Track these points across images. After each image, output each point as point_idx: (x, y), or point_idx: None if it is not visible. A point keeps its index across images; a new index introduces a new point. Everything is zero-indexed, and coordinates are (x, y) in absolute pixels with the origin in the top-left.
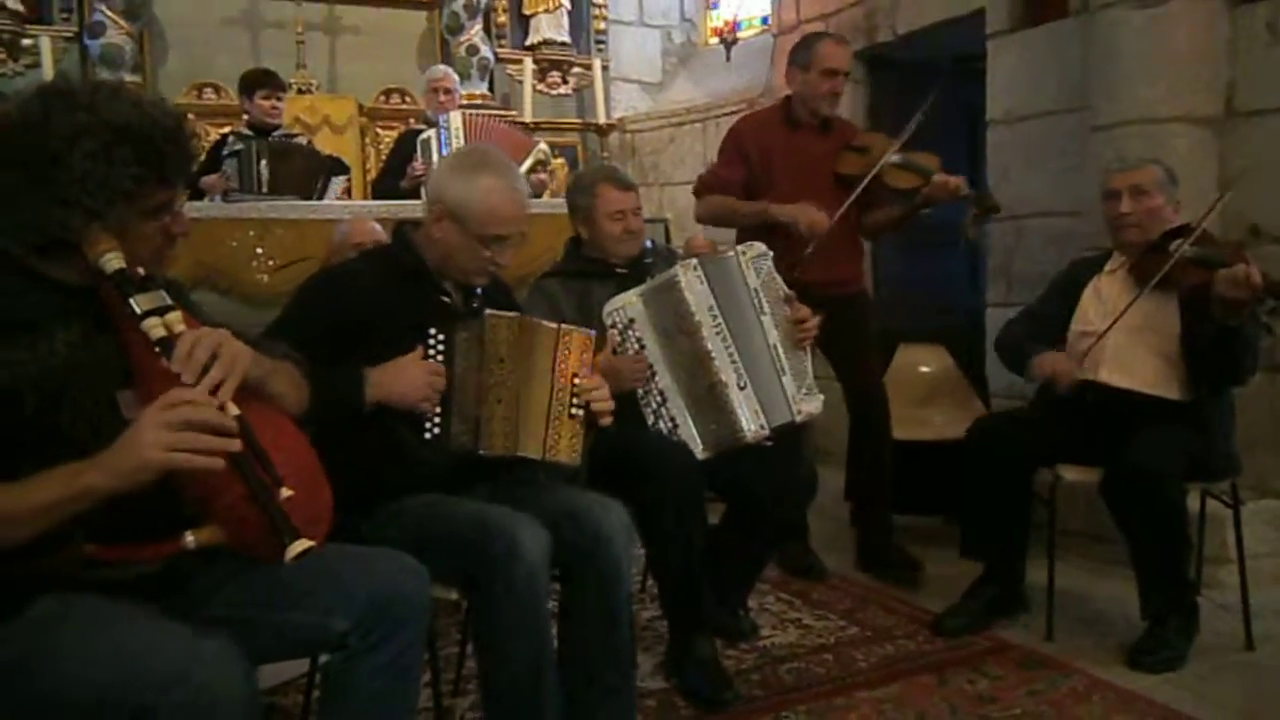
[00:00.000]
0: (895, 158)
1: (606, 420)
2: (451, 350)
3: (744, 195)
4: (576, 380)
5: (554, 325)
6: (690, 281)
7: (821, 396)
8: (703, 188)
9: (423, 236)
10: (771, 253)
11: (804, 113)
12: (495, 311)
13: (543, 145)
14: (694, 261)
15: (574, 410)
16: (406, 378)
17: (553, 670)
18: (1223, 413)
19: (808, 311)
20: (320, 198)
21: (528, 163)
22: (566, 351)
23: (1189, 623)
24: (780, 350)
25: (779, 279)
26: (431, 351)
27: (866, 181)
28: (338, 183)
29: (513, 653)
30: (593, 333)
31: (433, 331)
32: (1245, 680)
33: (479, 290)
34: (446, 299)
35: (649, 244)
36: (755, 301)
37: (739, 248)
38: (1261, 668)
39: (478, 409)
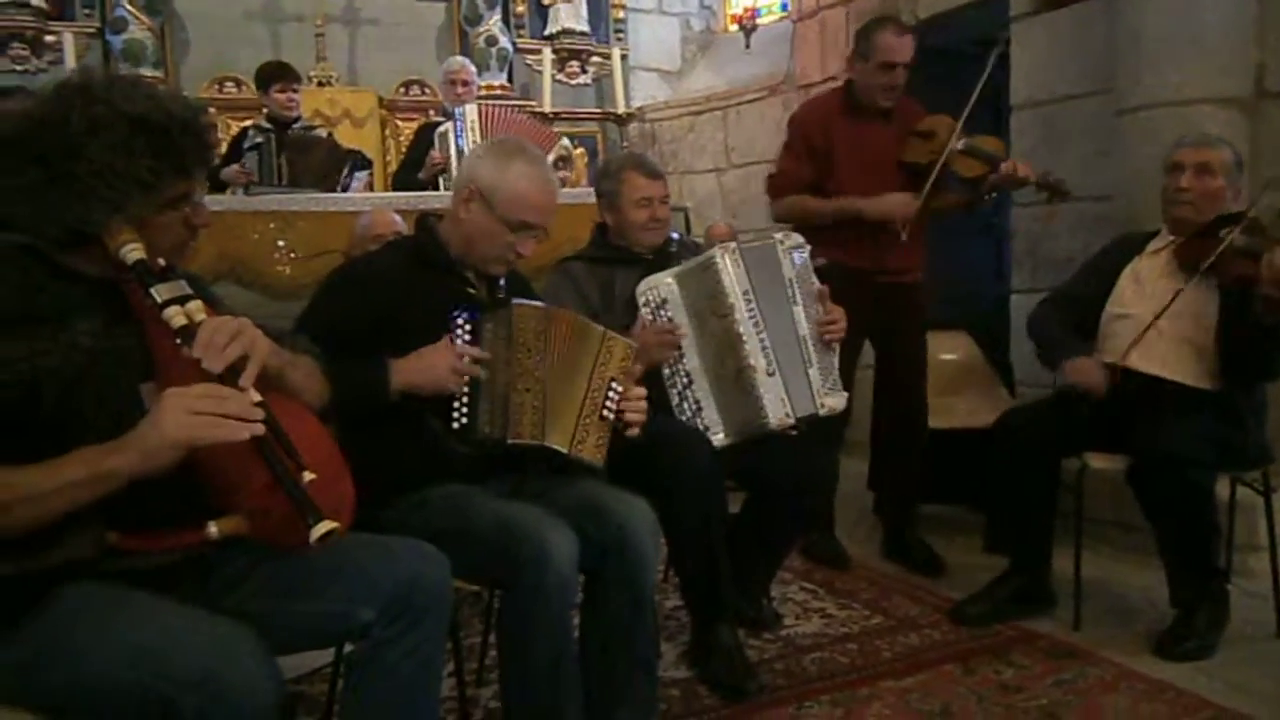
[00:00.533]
0: (960, 144)
1: (635, 431)
2: (479, 338)
3: (814, 188)
4: (614, 385)
5: (600, 328)
6: (727, 264)
7: (845, 394)
8: (775, 189)
9: (449, 221)
10: (809, 246)
11: (864, 100)
12: (523, 301)
13: (565, 141)
14: (733, 245)
15: (605, 413)
16: (434, 363)
17: (573, 663)
18: (1255, 402)
19: (840, 312)
20: (345, 190)
21: (550, 158)
22: (608, 356)
23: (1219, 611)
24: (809, 342)
25: (813, 272)
26: (459, 335)
27: (936, 172)
28: (361, 177)
29: (535, 651)
30: (635, 345)
31: (457, 315)
32: (1276, 668)
33: (502, 281)
34: (472, 289)
35: (674, 235)
36: (790, 292)
37: (778, 235)
38: None
39: (505, 397)
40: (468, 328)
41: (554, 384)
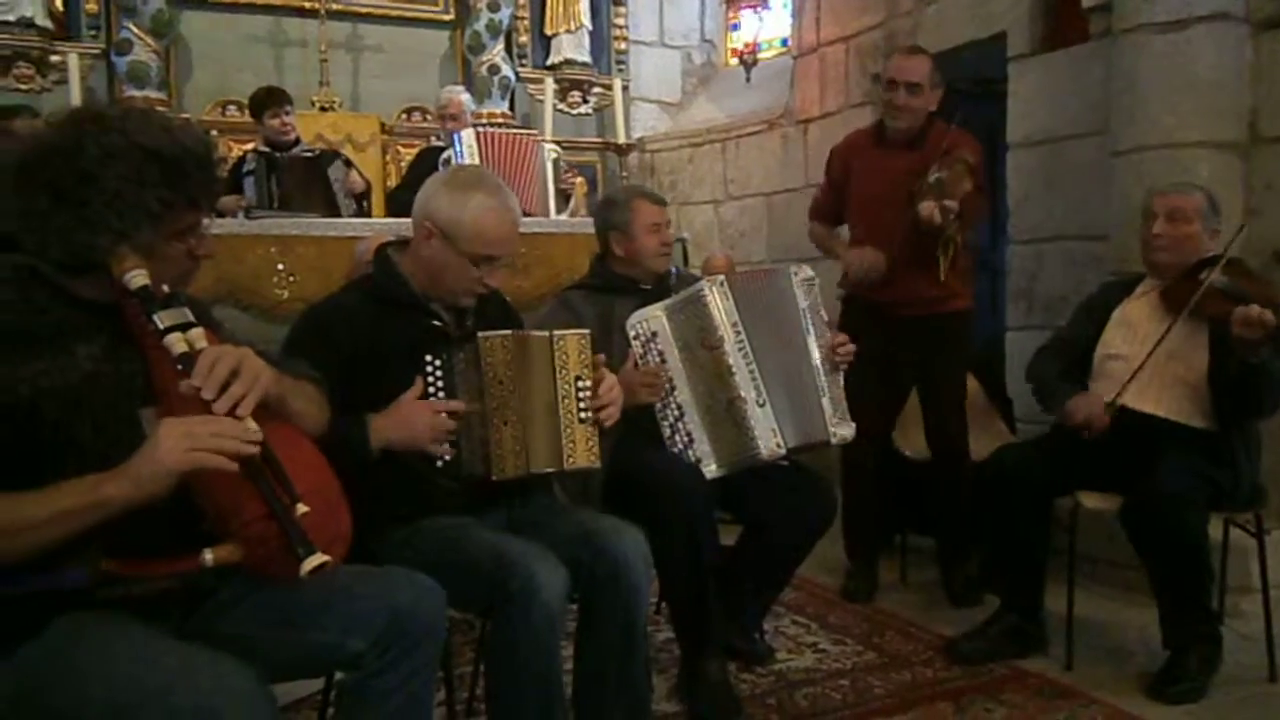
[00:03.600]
0: (932, 177)
1: (614, 419)
2: (451, 377)
3: (835, 218)
4: (581, 383)
5: (545, 334)
6: (715, 297)
7: (854, 424)
8: (811, 212)
9: (410, 256)
10: (818, 278)
11: (887, 127)
12: (487, 332)
13: (551, 145)
14: (720, 278)
15: (583, 415)
16: (411, 422)
17: (563, 696)
18: (1248, 443)
19: (845, 338)
20: (344, 189)
21: (549, 168)
22: (564, 356)
23: (1211, 653)
24: (822, 372)
25: (820, 306)
26: (431, 379)
27: (912, 212)
28: (337, 170)
29: (524, 682)
30: (587, 331)
31: (429, 359)
32: (1268, 712)
33: (470, 309)
34: (438, 322)
35: (674, 270)
36: (804, 321)
37: (790, 268)
38: None
39: (484, 432)
40: (439, 370)
41: (526, 407)
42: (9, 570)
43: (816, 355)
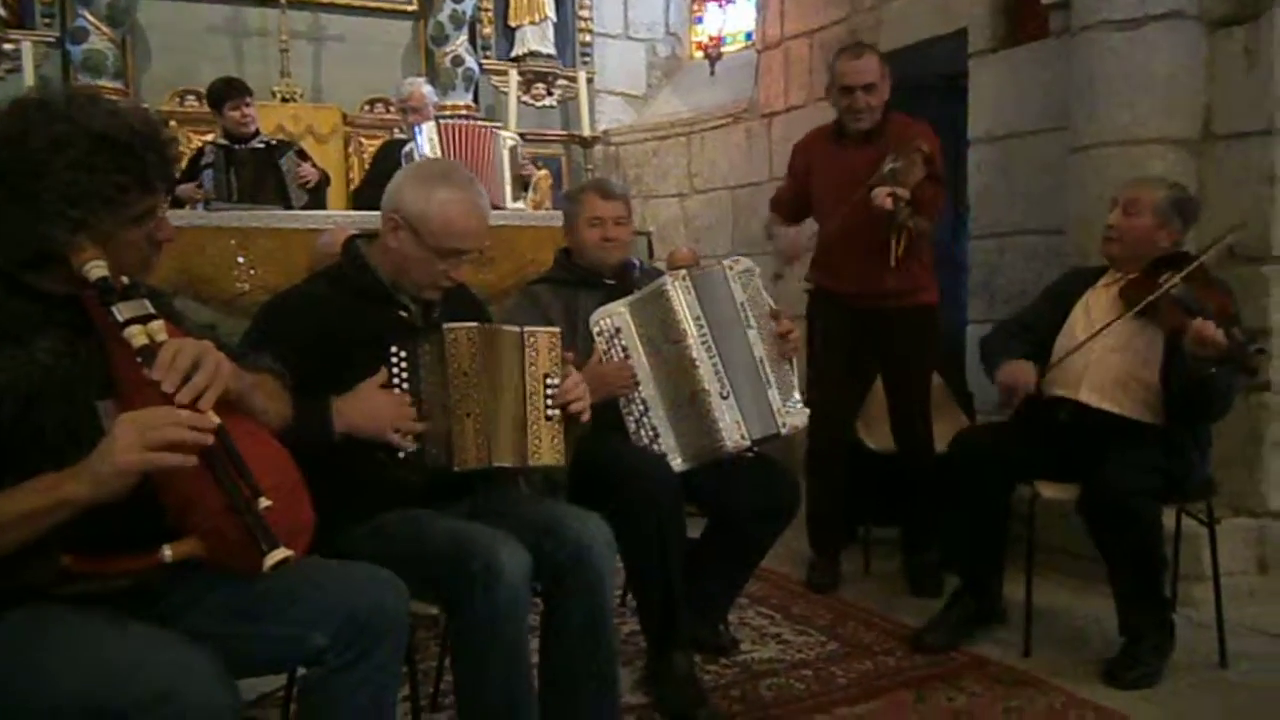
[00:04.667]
0: (886, 168)
1: (584, 416)
2: (416, 368)
3: (794, 209)
4: (549, 381)
5: (517, 329)
6: (678, 291)
7: (807, 411)
8: (771, 203)
9: (377, 249)
10: (758, 268)
11: (844, 125)
12: (453, 324)
13: (507, 132)
14: (683, 272)
15: (549, 413)
16: (373, 410)
17: (530, 686)
18: (1199, 436)
19: (790, 323)
20: (302, 181)
21: (505, 156)
22: (534, 354)
23: (1164, 640)
24: (766, 363)
25: (765, 294)
26: (395, 370)
27: (859, 196)
28: (288, 162)
29: (491, 671)
30: (558, 330)
31: (394, 350)
32: (1220, 697)
33: (437, 301)
34: (404, 313)
35: (637, 263)
36: (742, 315)
37: (725, 262)
38: (1235, 685)
39: (448, 424)
40: (404, 361)
41: (491, 400)
42: None
43: (759, 348)
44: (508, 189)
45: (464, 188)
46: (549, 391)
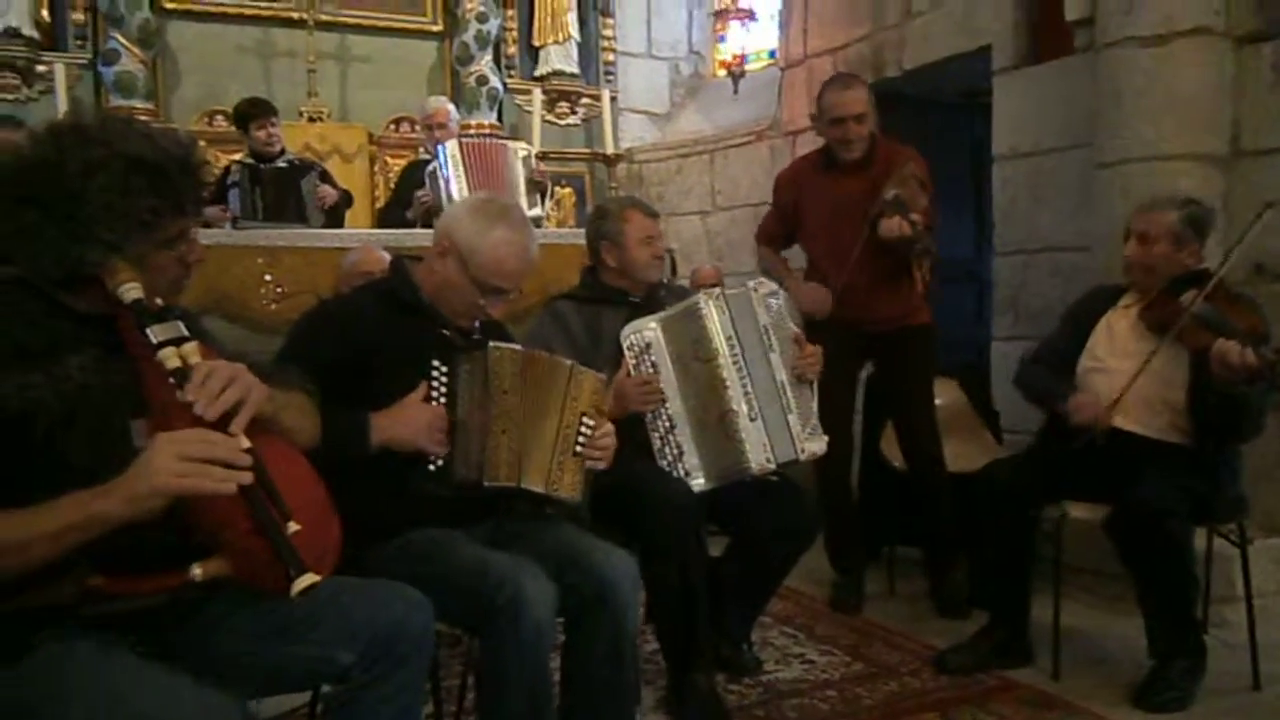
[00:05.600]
0: (890, 194)
1: (601, 465)
2: (455, 383)
3: (786, 242)
4: (586, 421)
5: (568, 363)
6: (711, 310)
7: (825, 437)
8: (758, 236)
9: (423, 269)
10: (783, 292)
11: (834, 154)
12: (499, 344)
13: (519, 143)
14: (716, 291)
15: (578, 449)
16: (410, 422)
17: (552, 710)
18: (1229, 457)
19: (812, 348)
20: (321, 203)
21: (519, 166)
22: (578, 390)
23: (1196, 662)
24: (788, 389)
25: (788, 318)
26: (435, 384)
27: (869, 227)
28: (309, 183)
29: (514, 698)
30: (604, 377)
31: (436, 364)
32: None
33: (477, 323)
34: (446, 332)
35: (663, 281)
36: (765, 338)
37: (750, 284)
38: (1268, 708)
39: (482, 440)
40: (444, 373)
41: (528, 424)
42: None
43: (781, 372)
44: (523, 199)
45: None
46: (583, 429)
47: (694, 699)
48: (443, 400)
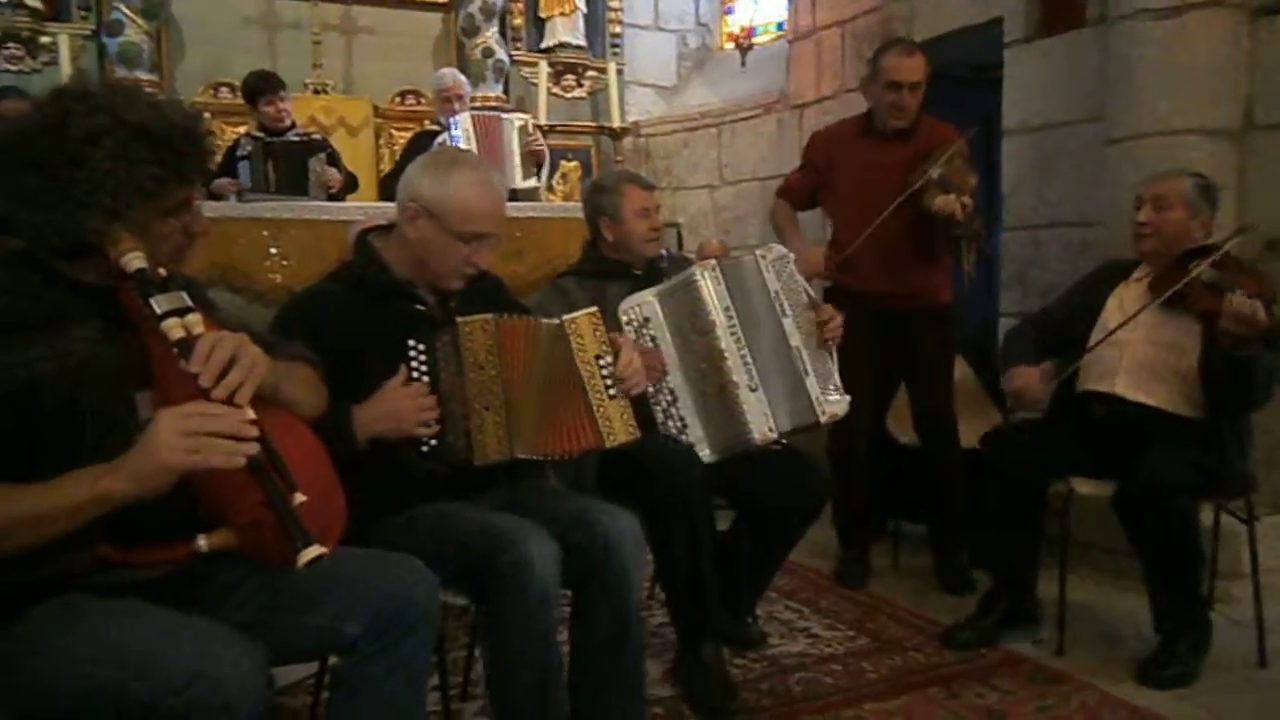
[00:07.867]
0: (936, 173)
1: (640, 388)
2: (435, 361)
3: (808, 202)
4: (602, 361)
5: (556, 320)
6: (708, 281)
7: (847, 398)
8: (779, 191)
9: (394, 242)
10: (793, 255)
11: (878, 122)
12: (467, 317)
13: (517, 115)
14: (712, 262)
15: (612, 392)
16: (392, 409)
17: (560, 679)
18: (1238, 432)
19: (831, 310)
20: (330, 180)
21: (514, 136)
22: (580, 339)
23: (1201, 639)
24: (804, 352)
25: (801, 281)
26: (415, 364)
27: (902, 198)
28: (316, 163)
29: (521, 663)
30: (595, 310)
31: (412, 344)
32: (1258, 697)
33: (454, 293)
34: (421, 307)
35: (664, 252)
36: (777, 304)
37: (758, 251)
38: (1274, 685)
39: (466, 418)
40: (422, 351)
41: (517, 390)
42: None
43: (795, 337)
44: (518, 170)
45: (477, 169)
46: (604, 371)
47: (702, 672)
48: (425, 379)
